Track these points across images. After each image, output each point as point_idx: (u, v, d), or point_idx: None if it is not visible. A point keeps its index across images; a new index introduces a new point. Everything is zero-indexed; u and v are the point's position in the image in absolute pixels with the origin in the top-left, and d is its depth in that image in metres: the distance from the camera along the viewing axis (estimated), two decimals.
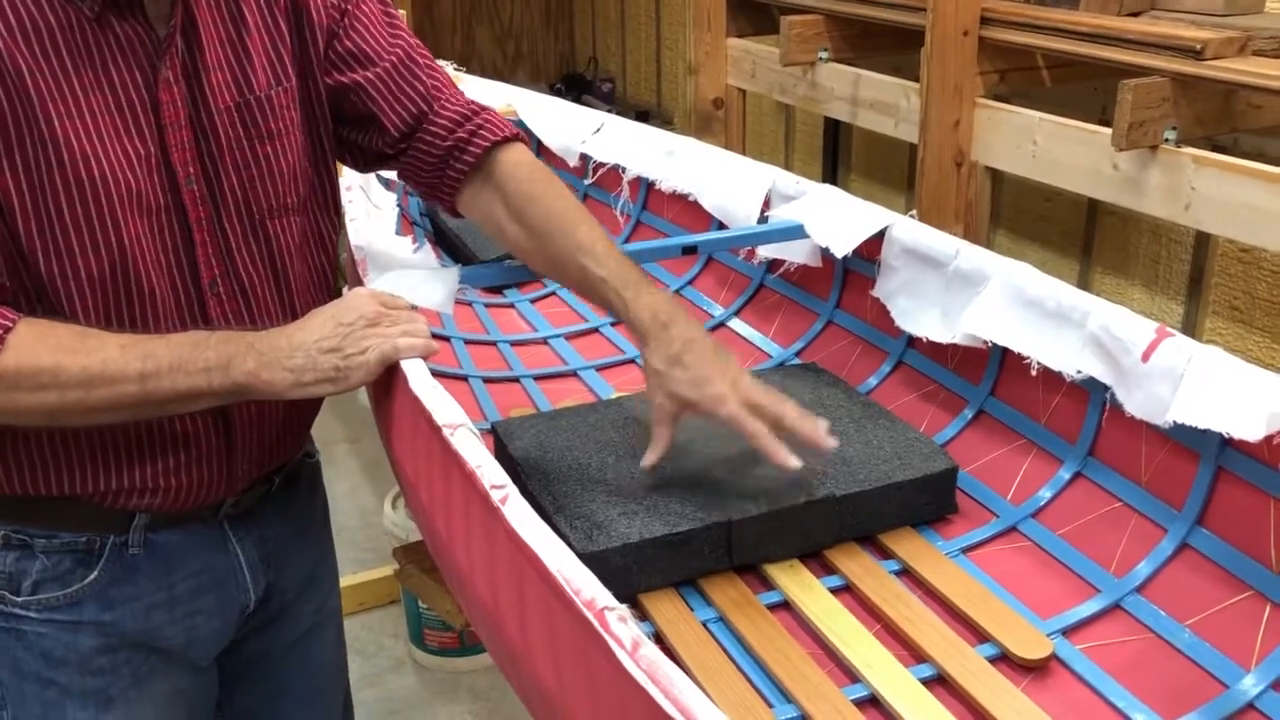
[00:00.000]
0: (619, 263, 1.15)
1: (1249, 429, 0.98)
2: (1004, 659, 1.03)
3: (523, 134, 1.24)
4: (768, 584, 1.15)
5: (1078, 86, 2.04)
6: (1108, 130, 1.61)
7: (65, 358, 0.93)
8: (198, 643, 1.16)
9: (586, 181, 2.10)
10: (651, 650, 0.69)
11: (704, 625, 1.08)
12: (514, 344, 1.78)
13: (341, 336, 1.01)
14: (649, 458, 1.14)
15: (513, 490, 0.88)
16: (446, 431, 0.98)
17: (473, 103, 1.22)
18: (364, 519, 3.01)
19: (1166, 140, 1.58)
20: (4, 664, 1.07)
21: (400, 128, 1.17)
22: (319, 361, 0.99)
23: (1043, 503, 1.22)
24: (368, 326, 1.03)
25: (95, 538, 1.07)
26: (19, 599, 1.06)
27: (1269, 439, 0.99)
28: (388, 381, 1.18)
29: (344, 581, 2.64)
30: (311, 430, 1.30)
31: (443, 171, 1.20)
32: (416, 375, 1.08)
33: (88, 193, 0.94)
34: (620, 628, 0.71)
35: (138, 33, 0.96)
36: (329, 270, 1.18)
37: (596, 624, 0.72)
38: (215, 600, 1.15)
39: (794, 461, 1.09)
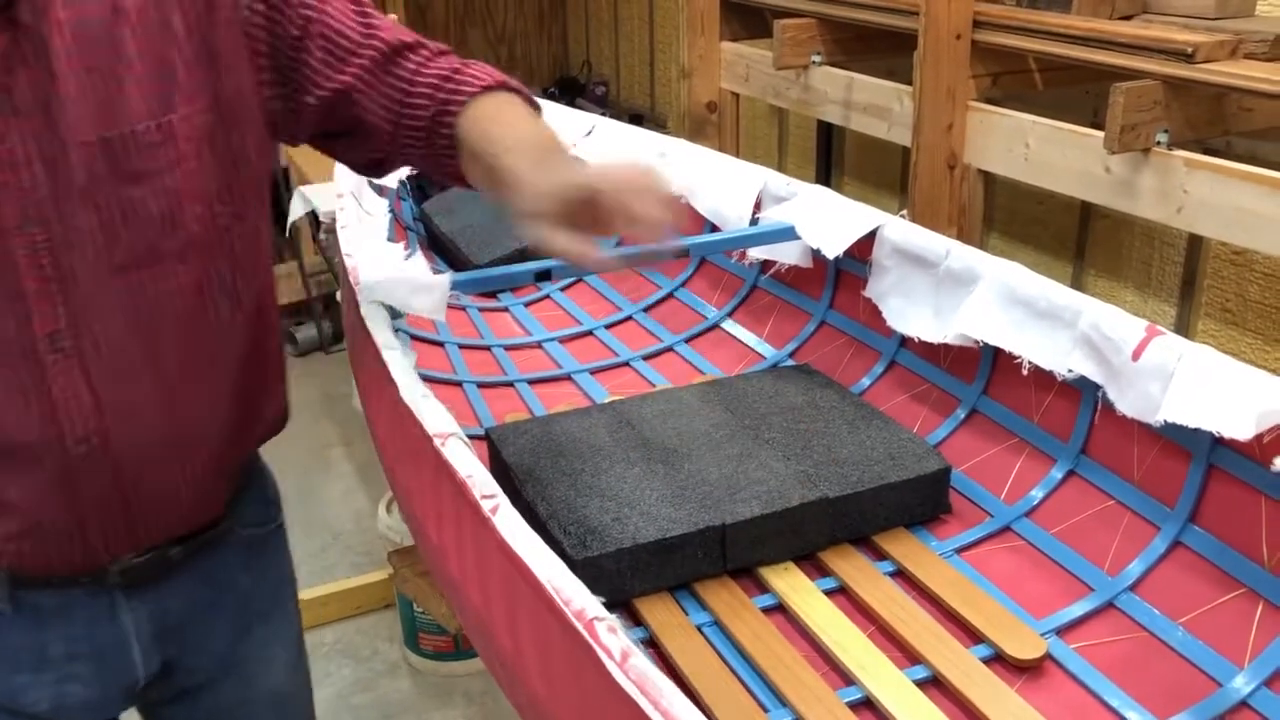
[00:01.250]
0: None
1: (1239, 428, 0.98)
2: (998, 659, 1.03)
3: (510, 80, 1.08)
4: (762, 587, 1.15)
5: (1070, 90, 2.05)
6: (1100, 133, 1.62)
7: None
8: (67, 710, 1.05)
9: None
10: (641, 661, 0.69)
11: (698, 629, 1.08)
12: (508, 348, 1.78)
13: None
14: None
15: (503, 500, 0.88)
16: (437, 441, 0.98)
17: (450, 64, 1.06)
18: (358, 523, 3.01)
19: (1158, 143, 1.58)
20: None
21: (387, 124, 1.05)
22: None
23: (1036, 502, 1.22)
24: None
25: None
26: None
27: (1259, 437, 0.99)
28: (380, 389, 1.18)
29: (339, 585, 2.65)
30: (297, 440, 1.21)
31: (433, 149, 1.07)
32: (407, 384, 1.08)
33: None
34: (610, 638, 0.71)
35: None
36: (233, 325, 1.02)
37: (586, 634, 0.72)
38: (93, 670, 1.05)
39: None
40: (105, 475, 0.96)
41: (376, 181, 1.86)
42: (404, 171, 1.73)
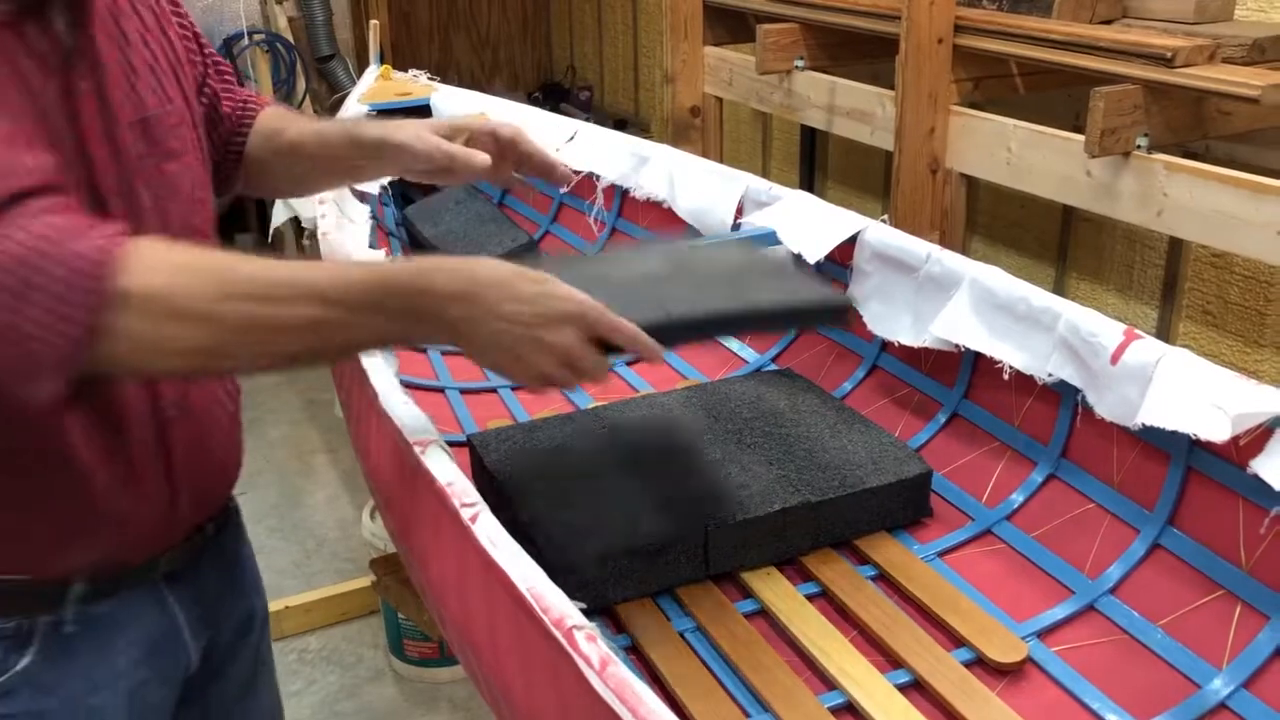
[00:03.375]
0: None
1: (1216, 430, 0.99)
2: (979, 663, 1.04)
3: (271, 101, 1.28)
4: (745, 592, 1.15)
5: (1051, 94, 2.06)
6: (1081, 137, 1.62)
7: (230, 260, 0.84)
8: (147, 716, 1.06)
9: (562, 190, 2.10)
10: (620, 669, 0.69)
11: (681, 635, 1.08)
12: None
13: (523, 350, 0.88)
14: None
15: (483, 508, 0.88)
16: (417, 449, 0.97)
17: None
18: (343, 529, 2.99)
19: (1139, 147, 1.59)
20: None
21: (229, 124, 1.19)
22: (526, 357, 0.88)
23: (1016, 505, 1.22)
24: (559, 365, 0.89)
25: (24, 621, 0.97)
26: None
27: (1236, 439, 1.00)
28: (361, 396, 1.18)
29: (323, 592, 2.64)
30: (281, 446, 1.25)
31: (226, 152, 1.21)
32: (387, 391, 1.08)
33: None
34: (589, 646, 0.71)
35: (50, 42, 0.88)
36: None
37: (565, 642, 0.72)
38: (157, 668, 1.06)
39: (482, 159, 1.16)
40: (190, 437, 1.01)
41: (359, 188, 1.85)
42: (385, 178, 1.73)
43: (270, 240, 3.23)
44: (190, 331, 0.80)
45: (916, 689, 1.01)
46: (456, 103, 2.26)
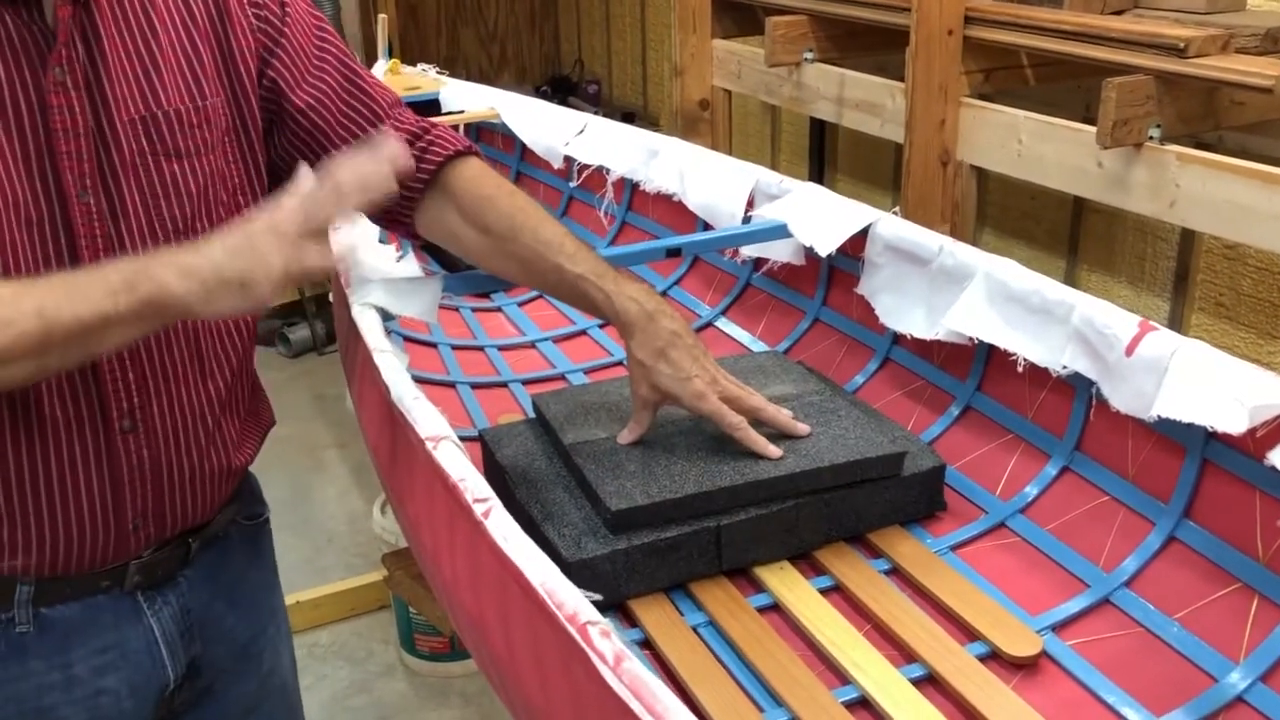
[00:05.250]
0: (591, 257, 1.16)
1: (1232, 422, 0.98)
2: (994, 657, 1.03)
3: (475, 147, 1.20)
4: (757, 586, 1.14)
5: (1062, 85, 2.05)
6: (1092, 128, 1.61)
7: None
8: None
9: (572, 184, 2.10)
10: (635, 665, 0.68)
11: (694, 630, 1.07)
12: (501, 349, 1.77)
13: (249, 249, 0.87)
14: (626, 436, 1.20)
15: (496, 504, 0.88)
16: (429, 444, 0.97)
17: (421, 121, 1.18)
18: (353, 524, 3.00)
19: (1151, 138, 1.58)
20: None
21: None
22: (224, 271, 0.86)
23: (1030, 498, 1.22)
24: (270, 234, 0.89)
25: None
26: None
27: (1252, 431, 0.99)
28: (372, 391, 1.18)
29: (333, 587, 2.64)
30: (291, 442, 1.23)
31: (394, 197, 1.15)
32: (399, 387, 1.07)
33: None
34: (603, 643, 0.70)
35: (30, 30, 0.89)
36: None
37: (579, 639, 0.72)
38: (125, 680, 1.04)
39: (774, 450, 1.16)
40: (146, 453, 0.99)
41: None
42: None
43: None
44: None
45: (931, 683, 1.01)
46: (465, 98, 2.26)
